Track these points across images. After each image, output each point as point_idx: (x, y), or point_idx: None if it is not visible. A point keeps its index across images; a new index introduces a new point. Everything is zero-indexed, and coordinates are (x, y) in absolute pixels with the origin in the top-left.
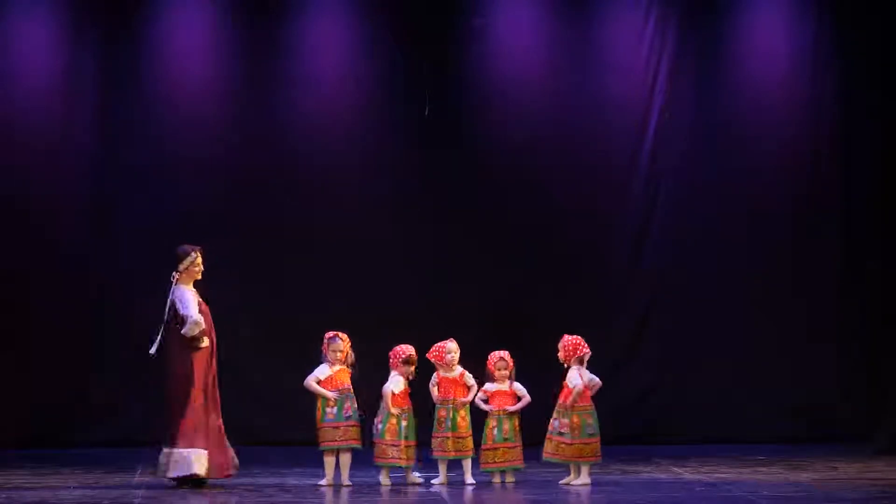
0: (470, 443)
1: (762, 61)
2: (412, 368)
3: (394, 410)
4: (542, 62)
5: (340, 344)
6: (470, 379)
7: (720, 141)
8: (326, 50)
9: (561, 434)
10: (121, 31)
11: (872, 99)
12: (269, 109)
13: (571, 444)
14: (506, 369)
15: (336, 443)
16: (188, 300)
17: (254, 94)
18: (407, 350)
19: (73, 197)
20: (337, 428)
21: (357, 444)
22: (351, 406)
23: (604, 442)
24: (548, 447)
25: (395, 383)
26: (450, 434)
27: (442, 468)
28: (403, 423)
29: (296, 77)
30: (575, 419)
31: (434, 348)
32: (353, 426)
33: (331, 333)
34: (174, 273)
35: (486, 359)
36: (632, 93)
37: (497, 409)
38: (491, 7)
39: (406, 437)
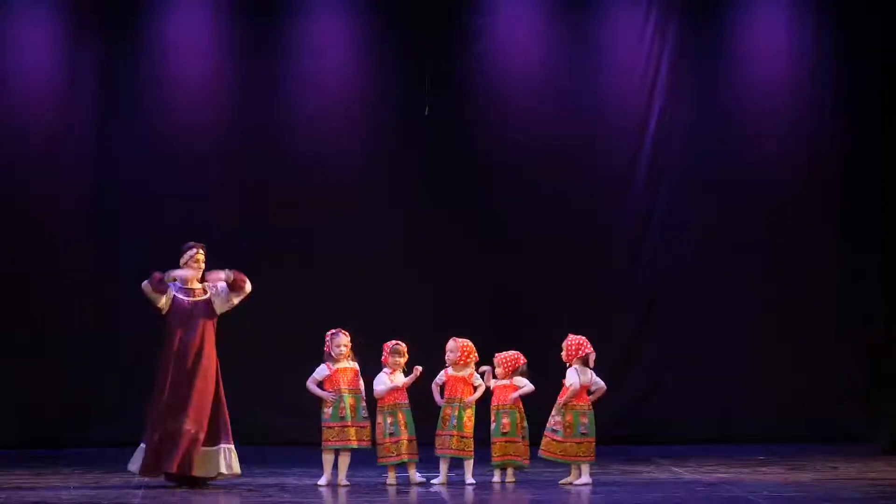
0: (472, 443)
1: (762, 61)
2: (399, 359)
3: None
4: (542, 62)
5: (343, 338)
6: (477, 380)
7: (720, 141)
8: (326, 50)
9: (554, 431)
10: (121, 31)
11: (872, 98)
12: (269, 109)
13: (562, 442)
14: (499, 367)
15: (331, 442)
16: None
17: (254, 94)
18: (393, 341)
19: (73, 197)
20: (331, 428)
21: (350, 445)
22: (354, 406)
23: (604, 442)
24: (542, 444)
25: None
26: (454, 432)
27: (443, 467)
28: (400, 418)
29: (296, 77)
30: (568, 417)
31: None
32: (350, 427)
33: (332, 330)
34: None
35: (492, 358)
36: (632, 93)
37: (495, 404)
38: (491, 7)
39: (393, 434)
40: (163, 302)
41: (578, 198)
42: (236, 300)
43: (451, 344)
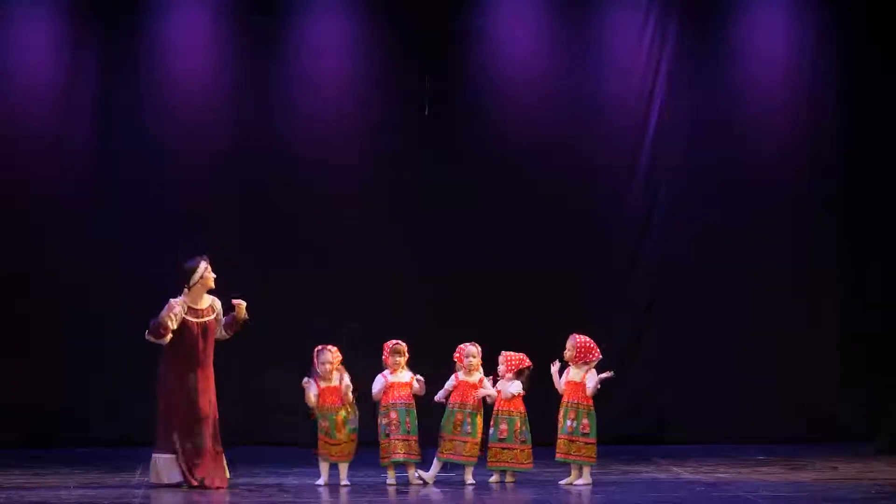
0: (478, 449)
1: (762, 61)
2: (399, 358)
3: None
4: (542, 62)
5: (329, 356)
6: (487, 387)
7: (720, 141)
8: (326, 50)
9: (586, 435)
10: (121, 31)
11: (872, 99)
12: (269, 109)
13: (594, 444)
14: (502, 364)
15: (319, 453)
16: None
17: (254, 94)
18: (393, 341)
19: (73, 197)
20: (321, 440)
21: (330, 460)
22: (343, 420)
23: (604, 442)
24: (566, 448)
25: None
26: (468, 439)
27: (436, 466)
28: (393, 417)
29: (296, 77)
30: (593, 419)
31: (458, 349)
32: (334, 444)
33: (319, 346)
34: (185, 287)
35: (495, 357)
36: (632, 93)
37: (497, 408)
38: (491, 7)
39: (388, 435)
40: (169, 337)
41: (578, 198)
42: (223, 335)
43: (472, 349)
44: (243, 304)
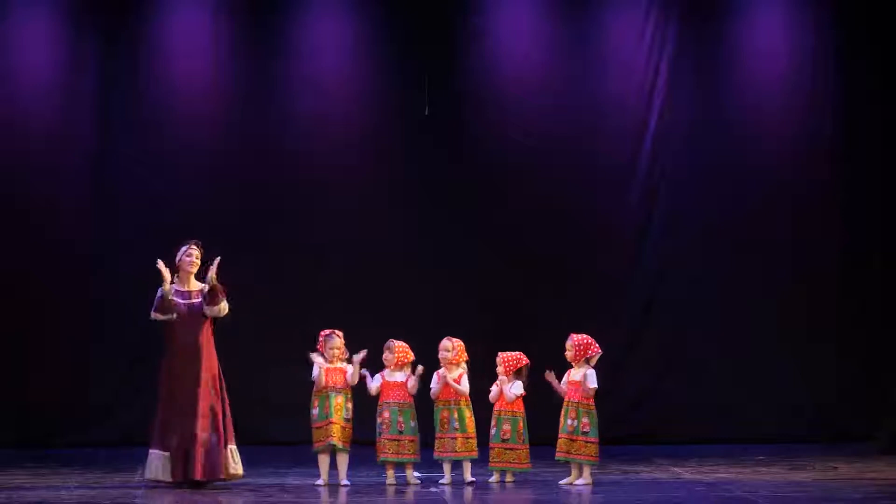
0: (475, 443)
1: (762, 61)
2: (388, 356)
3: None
4: (542, 62)
5: (337, 340)
6: (464, 384)
7: (720, 141)
8: (326, 50)
9: (585, 434)
10: (121, 31)
11: (872, 99)
12: (269, 109)
13: (595, 443)
14: (500, 365)
15: (318, 444)
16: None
17: (254, 94)
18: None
19: (73, 197)
20: (319, 428)
21: (331, 442)
22: (341, 405)
23: (604, 442)
24: (566, 448)
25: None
26: (458, 435)
27: (446, 468)
28: (386, 416)
29: (296, 76)
30: (593, 418)
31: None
32: (334, 424)
33: (326, 331)
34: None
35: (494, 357)
36: (632, 93)
37: (497, 408)
38: (491, 7)
39: (380, 434)
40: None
41: (578, 198)
42: (209, 313)
43: (445, 343)
44: (215, 263)
